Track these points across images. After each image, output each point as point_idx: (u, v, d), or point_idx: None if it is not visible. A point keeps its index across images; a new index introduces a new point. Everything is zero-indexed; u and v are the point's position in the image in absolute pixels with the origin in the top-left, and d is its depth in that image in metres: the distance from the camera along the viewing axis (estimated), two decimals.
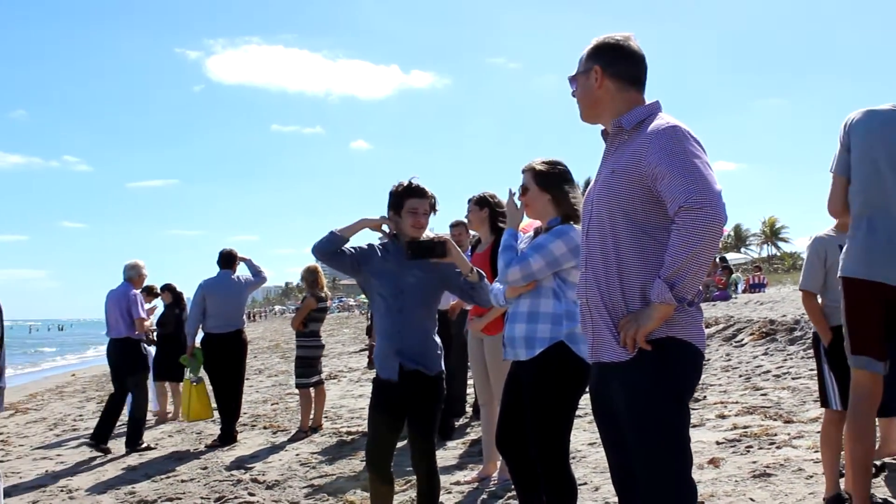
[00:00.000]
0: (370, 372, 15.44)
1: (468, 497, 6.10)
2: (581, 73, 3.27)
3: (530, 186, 4.46)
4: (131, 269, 9.94)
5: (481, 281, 4.65)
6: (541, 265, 4.26)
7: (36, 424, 13.05)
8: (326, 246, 4.67)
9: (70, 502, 7.08)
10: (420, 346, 4.68)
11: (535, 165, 4.48)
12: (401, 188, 4.73)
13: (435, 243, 4.52)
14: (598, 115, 3.27)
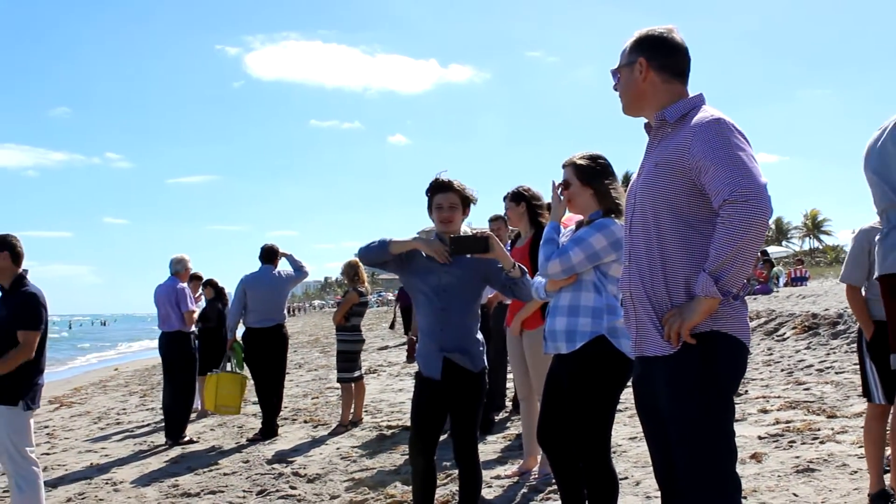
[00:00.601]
0: (410, 366, 15.49)
1: (509, 491, 6.10)
2: (625, 65, 3.25)
3: (572, 181, 4.44)
4: (177, 264, 10.07)
5: (523, 276, 4.63)
6: (581, 258, 4.25)
7: (80, 418, 13.22)
8: (375, 256, 4.73)
9: (115, 494, 7.17)
10: (463, 344, 4.68)
11: (576, 160, 4.46)
12: (429, 186, 4.76)
13: (477, 239, 4.51)
14: (642, 108, 3.26)
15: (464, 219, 4.82)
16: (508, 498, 5.92)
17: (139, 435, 10.55)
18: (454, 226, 4.73)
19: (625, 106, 3.31)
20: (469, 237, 4.55)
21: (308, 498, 6.49)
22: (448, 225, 4.70)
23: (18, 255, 5.71)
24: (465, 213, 4.80)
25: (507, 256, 4.59)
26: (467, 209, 4.80)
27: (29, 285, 5.68)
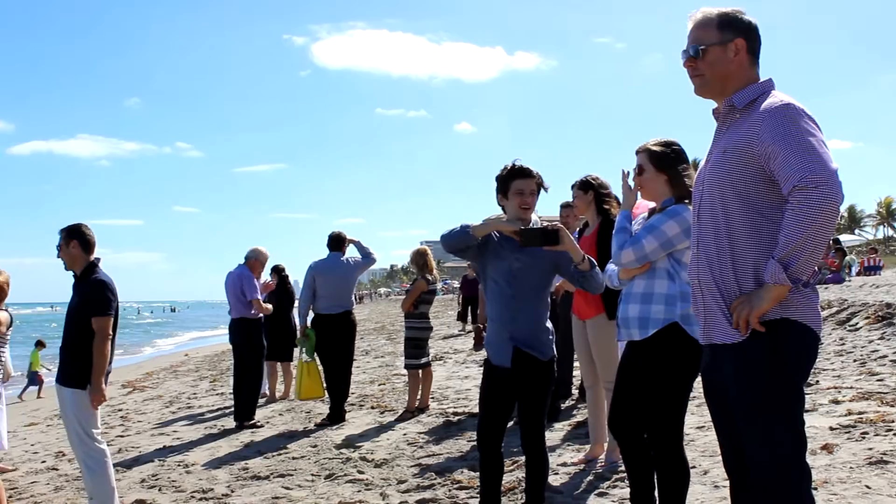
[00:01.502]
0: (476, 354, 15.53)
1: (575, 478, 6.10)
2: (716, 44, 3.16)
3: (646, 167, 4.42)
4: (250, 252, 10.26)
5: (592, 269, 4.61)
6: (654, 246, 4.23)
7: (153, 402, 13.49)
8: (458, 243, 4.67)
9: (187, 476, 7.31)
10: (533, 332, 4.69)
11: (650, 146, 4.44)
12: (505, 171, 4.74)
13: (547, 231, 4.49)
14: (723, 90, 3.19)
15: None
16: (575, 485, 5.92)
17: (209, 419, 10.74)
18: (531, 212, 4.72)
19: (703, 85, 3.23)
20: (539, 229, 4.53)
21: (376, 482, 6.56)
22: (527, 211, 4.69)
23: (89, 243, 5.86)
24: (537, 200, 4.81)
25: (576, 249, 4.57)
26: (537, 197, 4.80)
27: (99, 273, 5.83)
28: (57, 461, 8.67)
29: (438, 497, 5.95)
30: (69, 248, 5.80)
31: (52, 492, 7.17)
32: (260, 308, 10.14)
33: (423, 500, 5.93)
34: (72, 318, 5.80)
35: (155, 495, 6.70)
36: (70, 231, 5.83)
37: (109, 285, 5.81)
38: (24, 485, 7.44)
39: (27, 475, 7.98)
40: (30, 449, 9.77)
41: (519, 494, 5.66)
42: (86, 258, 5.85)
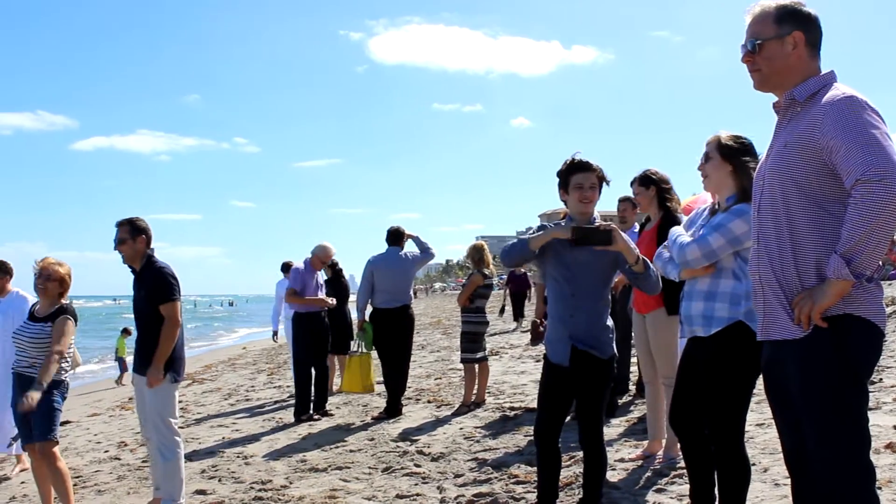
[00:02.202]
0: (532, 349, 15.48)
1: (633, 474, 6.07)
2: (773, 38, 3.14)
3: (713, 156, 4.38)
4: (314, 248, 10.33)
5: (647, 271, 4.58)
6: (721, 243, 4.18)
7: (211, 394, 13.69)
8: (518, 258, 4.79)
9: (246, 468, 7.41)
10: (592, 330, 4.68)
11: (720, 136, 4.40)
12: (565, 165, 4.72)
13: (600, 231, 4.47)
14: (783, 84, 3.15)
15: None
16: (633, 481, 5.89)
17: (267, 411, 10.87)
18: (592, 206, 4.70)
19: (761, 80, 3.19)
20: (592, 228, 4.52)
21: (433, 476, 6.59)
22: (588, 205, 4.68)
23: (150, 237, 6.01)
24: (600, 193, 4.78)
25: (630, 250, 4.53)
26: (600, 191, 4.78)
27: (158, 262, 5.97)
28: (119, 451, 8.83)
29: (495, 491, 5.96)
30: (136, 242, 5.93)
31: (115, 480, 7.32)
32: (291, 300, 10.24)
33: (480, 493, 5.94)
34: (141, 310, 5.94)
35: (215, 486, 6.80)
36: (136, 228, 5.95)
37: (170, 271, 5.96)
38: (87, 473, 7.60)
39: (90, 464, 8.14)
40: (93, 439, 9.97)
41: (576, 489, 5.64)
42: (145, 252, 5.98)
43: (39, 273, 6.08)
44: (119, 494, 6.82)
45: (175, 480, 5.91)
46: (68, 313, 6.06)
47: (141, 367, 5.94)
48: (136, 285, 6.03)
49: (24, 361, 6.01)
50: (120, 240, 5.96)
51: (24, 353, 6.02)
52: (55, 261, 6.19)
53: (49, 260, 6.17)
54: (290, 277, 10.30)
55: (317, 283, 10.22)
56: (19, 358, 6.05)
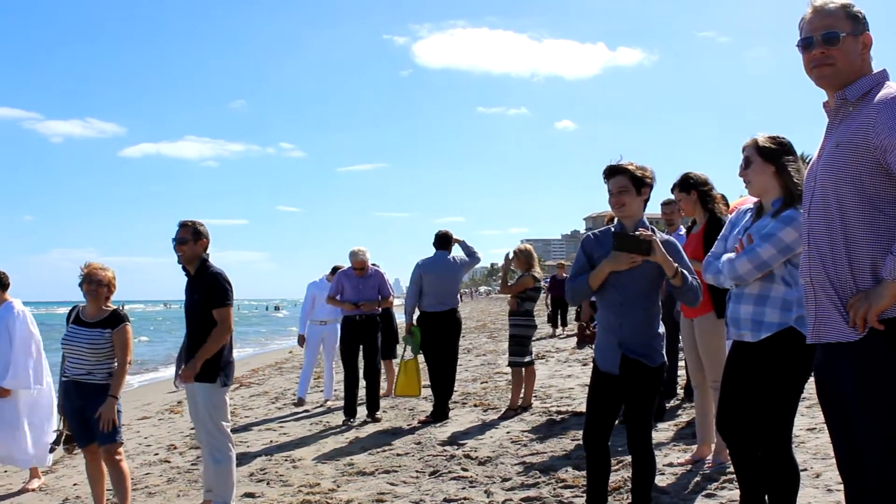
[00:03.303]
0: (579, 352, 15.43)
1: (682, 479, 6.02)
2: (850, 34, 3.06)
3: (753, 159, 4.33)
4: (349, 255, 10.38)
5: (684, 284, 4.56)
6: (772, 253, 4.13)
7: (259, 398, 13.78)
8: (582, 296, 4.86)
9: (294, 471, 7.45)
10: (642, 338, 4.66)
11: (758, 139, 4.36)
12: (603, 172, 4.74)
13: (640, 241, 4.46)
14: (847, 83, 3.06)
15: (644, 200, 4.74)
16: (682, 486, 5.84)
17: (315, 415, 10.91)
18: (628, 209, 4.67)
19: (835, 73, 3.08)
20: (632, 237, 4.51)
21: (480, 480, 6.58)
22: (621, 209, 4.66)
23: (209, 242, 6.08)
24: (642, 193, 4.71)
25: (668, 262, 4.51)
26: (644, 189, 4.70)
27: (212, 266, 6.03)
28: (169, 454, 8.92)
29: (543, 495, 5.94)
30: (196, 245, 6.00)
31: (165, 483, 7.39)
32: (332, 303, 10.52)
33: (528, 498, 5.93)
34: (194, 315, 6.02)
35: (263, 489, 6.85)
36: (198, 231, 6.03)
37: (225, 277, 6.03)
38: (138, 476, 7.68)
39: (141, 467, 8.23)
40: (143, 442, 10.08)
41: (625, 494, 5.61)
42: (202, 256, 6.05)
43: (87, 278, 6.15)
44: (169, 497, 6.89)
45: (227, 483, 5.96)
46: (125, 319, 6.15)
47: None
48: (189, 288, 6.11)
49: (79, 369, 6.03)
50: (181, 239, 6.03)
51: (82, 361, 6.01)
52: (100, 265, 6.26)
53: (94, 265, 6.25)
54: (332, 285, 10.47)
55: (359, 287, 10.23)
56: (74, 366, 6.07)
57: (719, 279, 4.42)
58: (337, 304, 10.35)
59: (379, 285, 10.33)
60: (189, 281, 6.10)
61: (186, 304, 6.10)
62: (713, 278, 4.47)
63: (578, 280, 4.77)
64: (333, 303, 10.44)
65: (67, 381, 6.10)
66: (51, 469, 8.96)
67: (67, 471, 8.66)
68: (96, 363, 6.02)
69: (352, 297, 10.12)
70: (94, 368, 6.01)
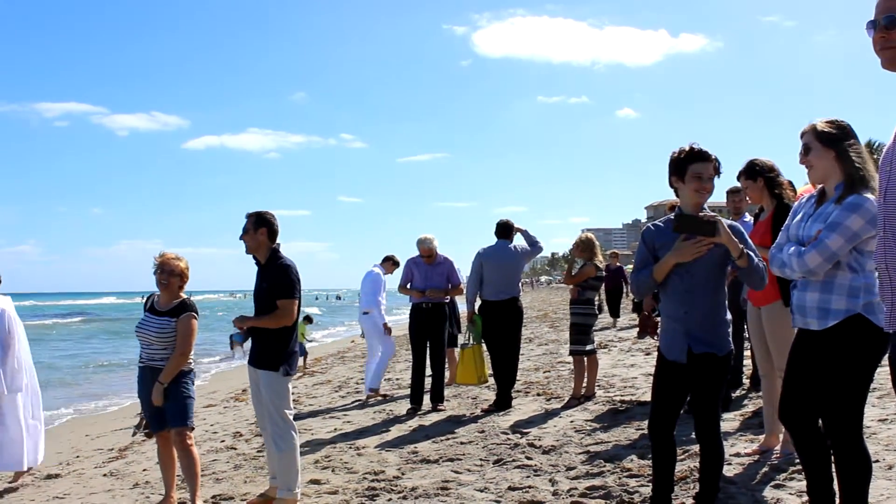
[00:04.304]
0: (641, 342, 15.33)
1: (749, 469, 5.94)
2: None
3: (813, 146, 4.26)
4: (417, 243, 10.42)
5: (750, 265, 4.46)
6: (840, 243, 4.05)
7: (322, 386, 13.92)
8: (648, 289, 4.87)
9: (358, 458, 7.51)
10: (709, 326, 4.60)
11: (816, 125, 4.28)
12: (683, 153, 4.61)
13: (704, 222, 4.39)
14: None
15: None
16: (749, 476, 5.77)
17: (377, 403, 11.00)
18: (707, 197, 4.61)
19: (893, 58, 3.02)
20: (696, 218, 4.44)
21: (544, 469, 6.57)
22: (704, 195, 4.58)
23: (275, 232, 6.15)
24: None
25: (734, 243, 4.43)
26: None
27: (283, 258, 6.10)
28: (235, 441, 9.05)
29: (608, 484, 5.91)
30: (257, 234, 6.07)
31: (232, 469, 7.49)
32: (403, 292, 10.54)
33: (593, 487, 5.90)
34: (262, 302, 6.10)
35: (328, 476, 6.92)
36: (260, 219, 6.09)
37: (294, 269, 6.09)
38: (205, 462, 7.79)
39: (208, 454, 8.35)
40: (209, 429, 10.23)
41: (691, 484, 5.56)
42: (269, 245, 6.11)
43: (160, 268, 6.27)
44: (236, 483, 6.99)
45: (291, 471, 6.03)
46: (192, 309, 6.25)
47: (258, 361, 6.08)
48: (259, 277, 6.18)
49: (152, 355, 6.21)
50: (244, 230, 6.12)
51: (150, 347, 6.22)
52: (173, 255, 6.37)
53: (167, 255, 6.36)
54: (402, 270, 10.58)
55: (427, 275, 10.24)
56: (147, 352, 6.24)
57: (786, 272, 4.33)
58: (406, 292, 10.40)
59: (448, 273, 10.31)
60: (259, 270, 6.18)
61: (255, 291, 6.18)
62: (779, 271, 4.39)
63: (642, 273, 4.73)
64: (404, 291, 10.47)
65: (143, 366, 6.27)
66: (121, 454, 9.16)
67: (137, 456, 8.83)
68: (163, 350, 6.15)
69: (420, 285, 10.15)
70: (163, 355, 6.15)
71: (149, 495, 6.88)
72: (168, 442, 6.28)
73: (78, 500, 7.03)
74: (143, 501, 6.70)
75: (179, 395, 6.11)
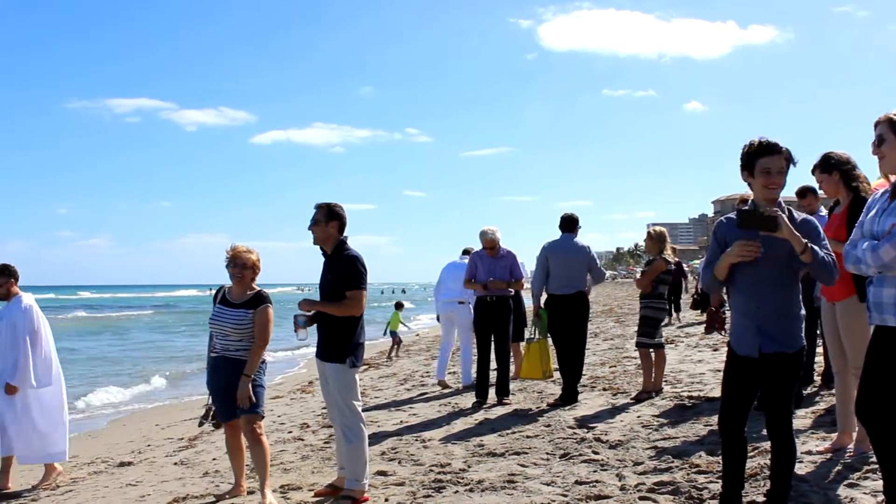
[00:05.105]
0: (708, 338, 15.14)
1: (821, 467, 5.84)
2: None
3: (886, 136, 4.17)
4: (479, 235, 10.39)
5: (814, 260, 4.33)
6: None
7: (388, 379, 14.01)
8: (713, 287, 4.84)
9: (425, 451, 7.54)
10: (780, 321, 4.51)
11: (891, 115, 4.18)
12: (751, 148, 4.54)
13: (765, 217, 4.29)
14: None
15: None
16: (822, 474, 5.67)
17: (443, 396, 11.03)
18: (778, 192, 4.52)
19: None
20: (758, 214, 4.35)
21: (611, 463, 6.53)
22: (773, 191, 4.48)
23: (344, 224, 6.21)
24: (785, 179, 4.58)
25: (796, 237, 4.31)
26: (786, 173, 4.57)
27: (350, 249, 6.14)
28: (302, 432, 9.16)
29: (676, 480, 5.85)
30: (328, 226, 6.12)
31: (300, 460, 7.59)
32: (468, 286, 10.50)
33: (661, 482, 5.85)
34: (328, 293, 6.15)
35: (395, 467, 6.96)
36: (331, 212, 6.15)
37: (362, 261, 6.14)
38: (273, 453, 7.88)
39: (275, 444, 8.46)
40: (276, 420, 10.37)
41: (761, 481, 5.49)
42: (338, 237, 6.17)
43: (232, 261, 6.36)
44: (304, 473, 7.07)
45: (359, 462, 6.07)
46: (268, 301, 6.35)
47: (325, 354, 6.14)
48: (325, 268, 6.23)
49: (228, 345, 6.32)
50: (314, 220, 6.17)
51: (226, 338, 6.32)
52: (245, 248, 6.45)
53: (239, 248, 6.44)
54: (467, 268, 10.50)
55: (491, 268, 10.19)
56: (220, 343, 6.35)
57: (861, 268, 4.24)
58: (471, 286, 10.37)
59: (511, 266, 10.25)
60: (326, 261, 6.23)
61: (321, 283, 6.23)
62: (854, 267, 4.29)
63: (708, 269, 4.69)
64: (469, 286, 10.45)
65: (215, 357, 6.38)
66: (190, 444, 9.32)
67: (206, 446, 8.99)
68: (239, 341, 6.25)
69: (483, 278, 10.12)
70: (238, 346, 6.26)
71: (218, 483, 6.99)
72: (237, 431, 6.38)
73: (150, 487, 7.17)
74: (213, 489, 6.81)
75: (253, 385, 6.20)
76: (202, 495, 6.65)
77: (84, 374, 19.88)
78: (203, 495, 6.65)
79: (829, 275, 4.41)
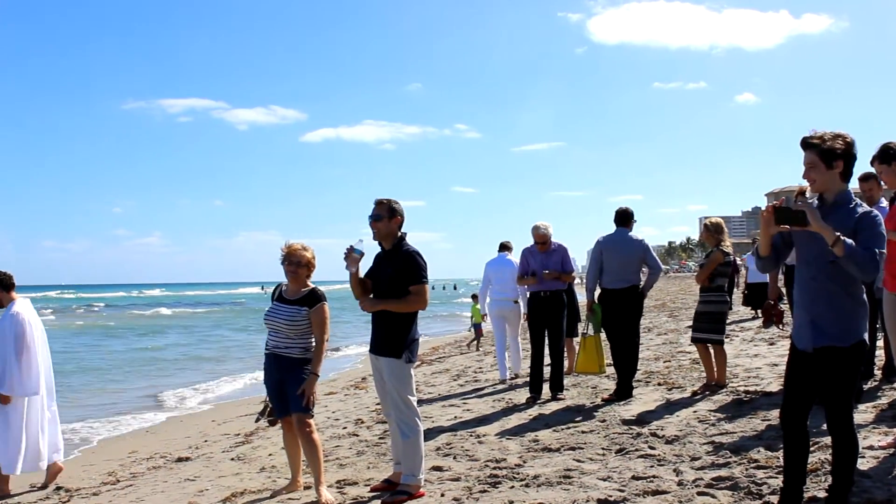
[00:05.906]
0: (764, 332, 14.97)
1: (884, 463, 5.74)
2: None
3: None
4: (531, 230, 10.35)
5: (846, 254, 4.22)
6: None
7: (441, 375, 14.04)
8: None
9: (479, 446, 7.53)
10: (834, 316, 4.45)
11: None
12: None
13: (794, 212, 4.28)
14: None
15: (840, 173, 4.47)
16: (885, 470, 5.56)
17: (496, 392, 11.01)
18: (817, 186, 4.46)
19: None
20: (786, 209, 4.33)
21: (668, 459, 6.48)
22: (811, 185, 4.47)
23: (403, 220, 6.22)
24: (835, 167, 4.43)
25: (826, 230, 4.24)
26: (836, 163, 4.41)
27: (408, 245, 6.15)
28: (357, 427, 9.21)
29: (735, 475, 5.78)
30: (391, 223, 6.15)
31: (355, 455, 7.63)
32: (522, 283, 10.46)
33: (720, 477, 5.78)
34: (386, 287, 6.14)
35: (450, 463, 6.96)
36: (393, 208, 6.17)
37: (421, 255, 6.16)
38: (328, 448, 7.95)
39: (330, 440, 8.52)
40: (331, 416, 10.45)
41: (822, 476, 5.40)
42: (398, 233, 6.19)
43: (288, 259, 6.41)
44: (359, 468, 7.10)
45: (415, 457, 6.08)
46: (323, 298, 6.39)
47: (380, 349, 6.16)
48: (381, 263, 6.23)
49: (278, 343, 6.36)
50: (376, 216, 6.18)
51: (280, 335, 6.36)
52: (300, 245, 6.49)
53: (294, 245, 6.48)
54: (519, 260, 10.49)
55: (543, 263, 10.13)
56: (274, 340, 6.40)
57: None
58: (524, 282, 10.33)
59: (563, 260, 10.20)
60: (383, 255, 6.23)
61: (379, 276, 6.22)
62: None
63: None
64: (522, 281, 10.40)
65: (269, 353, 6.42)
66: (247, 440, 9.42)
67: (262, 441, 9.07)
68: (293, 338, 6.30)
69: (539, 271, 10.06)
70: (292, 343, 6.31)
71: (275, 479, 7.05)
72: (292, 427, 6.42)
73: (208, 482, 7.25)
74: (270, 485, 6.86)
75: (301, 382, 6.25)
76: (259, 490, 6.71)
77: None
78: (260, 490, 6.71)
79: (859, 269, 4.28)
